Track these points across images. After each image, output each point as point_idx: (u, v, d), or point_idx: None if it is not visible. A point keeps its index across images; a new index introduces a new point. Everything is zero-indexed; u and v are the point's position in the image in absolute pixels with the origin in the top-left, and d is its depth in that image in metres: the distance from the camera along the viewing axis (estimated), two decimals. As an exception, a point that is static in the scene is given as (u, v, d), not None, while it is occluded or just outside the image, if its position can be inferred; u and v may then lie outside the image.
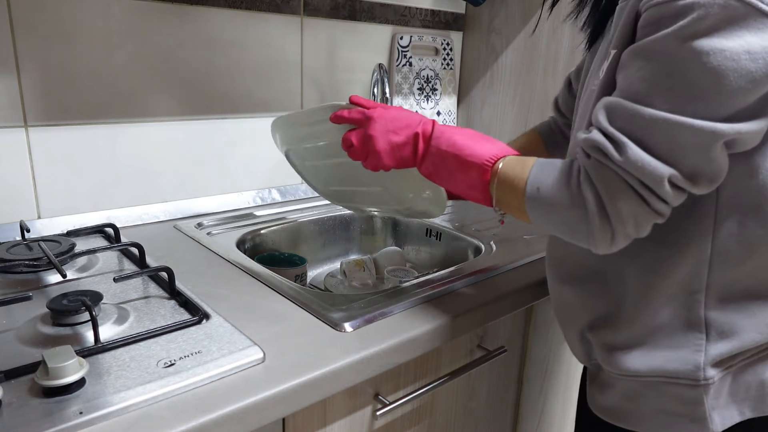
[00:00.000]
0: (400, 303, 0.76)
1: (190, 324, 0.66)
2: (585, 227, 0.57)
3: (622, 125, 0.53)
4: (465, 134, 0.67)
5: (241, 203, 1.19)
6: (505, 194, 0.63)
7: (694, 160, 0.52)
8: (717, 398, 0.61)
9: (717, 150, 0.51)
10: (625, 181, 0.54)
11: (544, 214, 0.60)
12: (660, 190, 0.53)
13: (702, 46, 0.49)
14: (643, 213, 0.54)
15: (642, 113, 0.52)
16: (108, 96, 0.99)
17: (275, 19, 1.17)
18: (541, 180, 0.60)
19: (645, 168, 0.52)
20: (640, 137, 0.52)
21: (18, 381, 0.55)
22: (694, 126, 0.50)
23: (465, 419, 0.89)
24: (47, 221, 0.96)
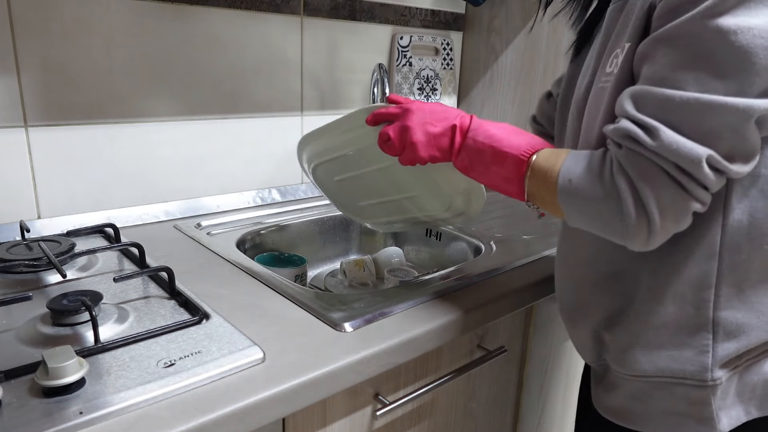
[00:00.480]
0: (400, 303, 0.76)
1: (190, 324, 0.66)
2: (620, 221, 0.54)
3: (652, 111, 0.52)
4: (502, 128, 0.66)
5: (241, 203, 1.19)
6: (539, 187, 0.62)
7: (729, 139, 0.50)
8: (724, 399, 0.61)
9: (751, 128, 0.50)
10: (660, 167, 0.52)
11: (578, 207, 0.58)
12: (699, 173, 0.51)
13: (728, 25, 0.48)
14: (682, 201, 0.52)
15: (672, 96, 0.51)
16: (108, 96, 0.99)
17: (275, 19, 1.17)
18: (573, 171, 0.58)
19: (681, 150, 0.50)
20: (673, 121, 0.51)
21: (18, 381, 0.55)
22: (728, 104, 0.49)
23: (465, 419, 0.89)
24: (47, 221, 0.96)
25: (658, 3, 0.54)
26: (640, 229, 0.54)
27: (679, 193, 0.52)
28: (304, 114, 1.27)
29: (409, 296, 0.78)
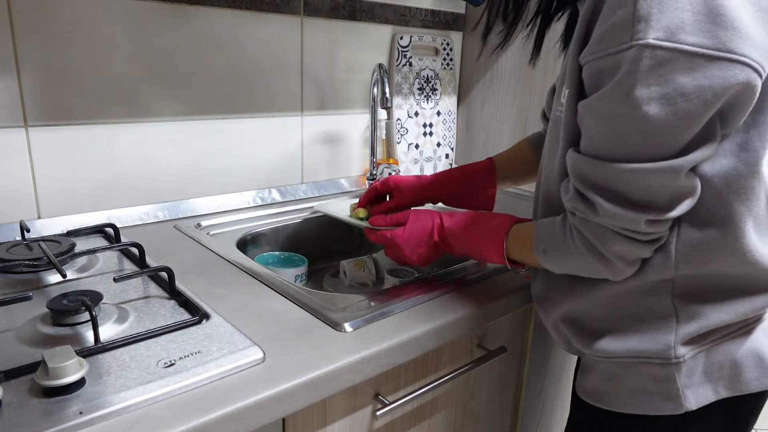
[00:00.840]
0: (400, 303, 0.76)
1: (190, 324, 0.66)
2: (595, 270, 0.63)
3: (593, 183, 0.58)
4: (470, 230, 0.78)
5: (241, 203, 1.19)
6: (523, 260, 0.73)
7: (666, 195, 0.56)
8: (690, 377, 0.64)
9: (682, 179, 0.55)
10: (610, 230, 0.59)
11: (559, 267, 0.68)
12: (641, 229, 0.57)
13: (641, 98, 0.52)
14: (638, 248, 0.59)
15: (607, 168, 0.56)
16: (108, 96, 0.99)
17: (275, 19, 1.17)
18: (543, 243, 0.67)
19: (619, 218, 0.57)
20: (613, 188, 0.57)
21: (18, 381, 0.55)
22: (655, 169, 0.54)
23: (465, 419, 0.89)
24: (47, 221, 0.96)
25: (583, 65, 0.58)
26: (612, 271, 0.62)
27: (632, 244, 0.59)
28: (304, 114, 1.27)
29: (409, 296, 0.78)
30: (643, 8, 0.50)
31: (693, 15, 0.50)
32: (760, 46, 0.51)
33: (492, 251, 0.75)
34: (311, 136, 1.30)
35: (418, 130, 1.49)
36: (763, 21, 0.52)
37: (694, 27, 0.50)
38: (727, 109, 0.54)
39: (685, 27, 0.50)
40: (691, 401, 0.63)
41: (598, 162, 0.57)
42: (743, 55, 0.50)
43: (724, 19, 0.50)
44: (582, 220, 0.61)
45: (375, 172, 1.36)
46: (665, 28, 0.50)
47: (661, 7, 0.50)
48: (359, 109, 1.38)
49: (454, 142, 1.58)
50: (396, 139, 1.44)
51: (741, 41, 0.50)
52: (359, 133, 1.40)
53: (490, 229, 0.76)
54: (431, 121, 1.51)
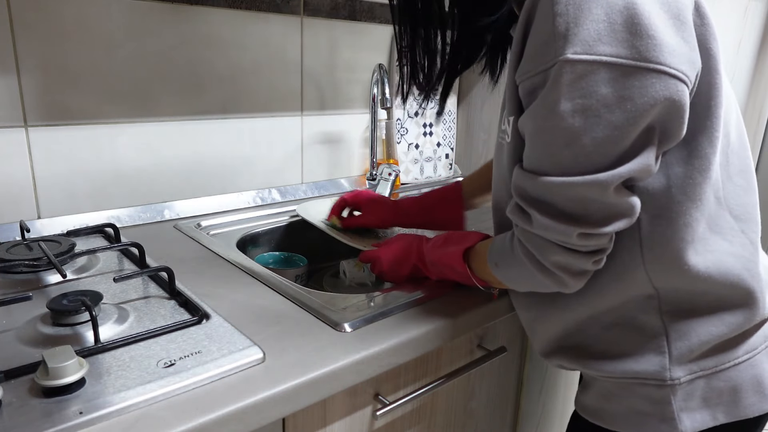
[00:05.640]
0: (400, 303, 0.76)
1: (190, 324, 0.66)
2: (540, 282, 0.63)
3: (527, 195, 0.59)
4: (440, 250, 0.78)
5: (241, 203, 1.19)
6: (485, 277, 0.74)
7: (597, 209, 0.56)
8: (686, 401, 0.63)
9: (611, 195, 0.55)
10: (548, 240, 0.59)
11: (510, 280, 0.69)
12: (575, 242, 0.57)
13: (564, 111, 0.52)
14: (576, 259, 0.59)
15: (539, 182, 0.57)
16: (108, 96, 0.99)
17: (275, 19, 1.17)
18: (495, 257, 0.68)
19: (552, 230, 0.57)
20: (546, 201, 0.57)
21: (18, 381, 0.55)
22: (582, 182, 0.54)
23: (465, 419, 0.89)
24: (47, 221, 0.96)
25: (518, 84, 0.59)
26: (557, 283, 0.62)
27: (570, 254, 0.59)
28: (304, 114, 1.27)
29: (409, 296, 0.78)
30: (561, 25, 0.51)
31: (609, 26, 0.50)
32: (678, 53, 0.51)
33: (459, 268, 0.75)
34: (311, 136, 1.30)
35: (418, 130, 1.49)
36: (677, 29, 0.52)
37: (611, 38, 0.50)
38: (662, 124, 0.54)
39: (601, 38, 0.50)
40: (686, 425, 0.63)
41: (532, 175, 0.58)
42: (661, 63, 0.50)
43: (640, 28, 0.50)
44: (522, 231, 0.62)
45: (375, 172, 1.36)
46: (582, 42, 0.50)
47: (577, 21, 0.50)
48: (359, 109, 1.38)
49: (454, 142, 1.58)
50: (396, 139, 1.44)
51: (657, 49, 0.50)
52: (359, 133, 1.40)
53: (456, 245, 0.76)
54: (431, 121, 1.51)
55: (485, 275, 0.73)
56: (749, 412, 0.64)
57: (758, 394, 0.64)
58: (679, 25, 0.52)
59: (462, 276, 0.76)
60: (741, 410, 0.64)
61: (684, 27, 0.52)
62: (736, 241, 0.62)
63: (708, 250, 0.60)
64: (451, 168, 1.59)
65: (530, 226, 0.60)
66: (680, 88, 0.52)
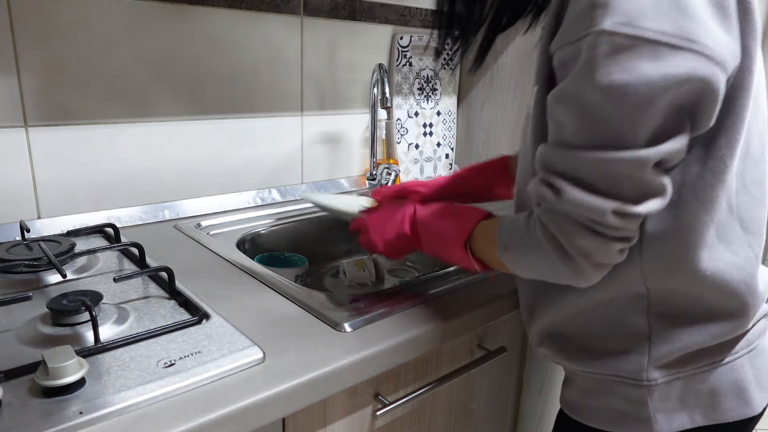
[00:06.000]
0: (400, 303, 0.76)
1: (190, 324, 0.66)
2: (553, 267, 0.59)
3: (557, 169, 0.56)
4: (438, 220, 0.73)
5: (241, 203, 1.19)
6: (487, 259, 0.69)
7: (632, 187, 0.53)
8: (664, 401, 0.63)
9: (649, 173, 0.53)
10: (575, 220, 0.55)
11: (519, 266, 0.64)
12: (607, 223, 0.54)
13: (606, 85, 0.50)
14: (602, 245, 0.56)
15: (573, 156, 0.54)
16: (108, 96, 0.99)
17: (275, 19, 1.17)
18: (506, 238, 0.64)
19: (584, 205, 0.54)
20: (577, 177, 0.55)
21: (18, 381, 0.55)
22: (621, 158, 0.52)
23: (465, 419, 0.89)
24: (47, 221, 0.96)
25: (552, 54, 0.57)
26: (574, 273, 0.58)
27: (597, 239, 0.55)
28: (304, 114, 1.27)
29: (409, 296, 0.78)
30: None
31: (654, 2, 0.49)
32: (721, 41, 0.50)
33: (456, 246, 0.70)
34: (311, 136, 1.30)
35: (418, 130, 1.49)
36: (721, 18, 0.51)
37: (656, 13, 0.48)
38: (692, 107, 0.52)
39: (646, 13, 0.48)
40: (662, 425, 0.63)
41: (565, 150, 0.55)
42: (705, 46, 0.49)
43: (687, 8, 0.48)
44: (546, 210, 0.58)
45: (375, 172, 1.36)
46: (625, 13, 0.49)
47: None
48: (359, 109, 1.38)
49: (454, 142, 1.58)
50: (396, 139, 1.44)
51: (702, 32, 0.49)
52: (359, 133, 1.40)
53: (458, 220, 0.71)
54: (431, 121, 1.51)
55: (487, 257, 0.68)
56: (729, 417, 0.63)
57: (738, 399, 0.63)
58: (724, 14, 0.51)
59: (460, 259, 0.71)
60: (720, 414, 0.63)
61: (728, 18, 0.51)
62: (742, 254, 0.61)
63: (712, 258, 0.59)
64: (451, 168, 1.59)
65: (559, 202, 0.55)
66: (718, 74, 0.50)
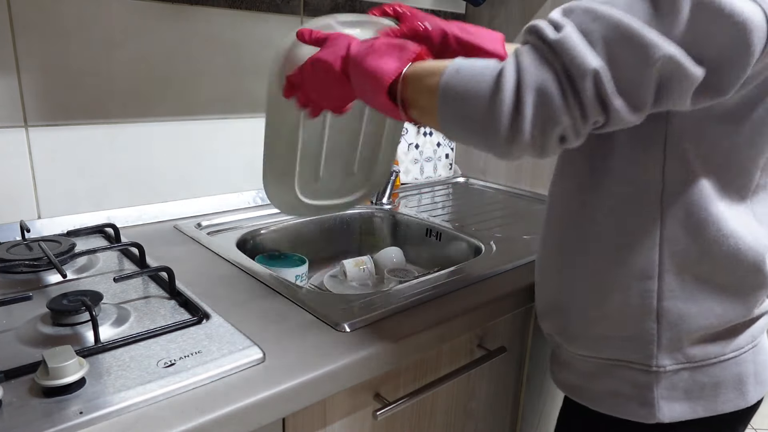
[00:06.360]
0: (400, 303, 0.76)
1: (190, 324, 0.66)
2: (491, 109, 0.51)
3: (573, 18, 0.50)
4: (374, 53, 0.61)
5: (241, 203, 1.19)
6: (419, 89, 0.57)
7: (627, 70, 0.48)
8: (669, 390, 0.64)
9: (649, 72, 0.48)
10: (550, 62, 0.49)
11: (455, 106, 0.54)
12: (581, 83, 0.48)
13: None
14: (557, 107, 0.49)
15: (596, 9, 0.49)
16: (108, 96, 0.99)
17: (275, 19, 1.17)
18: (465, 64, 0.54)
19: (574, 51, 0.48)
20: (587, 30, 0.49)
21: (18, 381, 0.55)
22: (642, 34, 0.47)
23: (465, 419, 0.89)
24: (47, 221, 0.96)
25: None
26: (509, 122, 0.50)
27: (558, 98, 0.49)
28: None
29: (409, 296, 0.78)
30: None
31: None
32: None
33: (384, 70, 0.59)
34: (311, 136, 1.30)
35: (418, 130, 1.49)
36: None
37: None
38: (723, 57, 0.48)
39: None
40: (664, 413, 0.64)
41: (592, 3, 0.50)
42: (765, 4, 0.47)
43: None
44: (529, 47, 0.51)
45: (375, 172, 1.36)
46: None
47: None
48: (359, 109, 1.38)
49: (454, 142, 1.58)
50: (396, 139, 1.44)
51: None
52: (359, 133, 1.40)
53: (398, 47, 0.61)
54: (431, 121, 1.51)
55: (418, 85, 0.57)
56: (726, 408, 0.64)
57: (737, 391, 0.64)
58: None
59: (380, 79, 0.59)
60: (718, 405, 0.64)
61: None
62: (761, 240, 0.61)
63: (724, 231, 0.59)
64: (451, 168, 1.59)
65: (554, 34, 0.49)
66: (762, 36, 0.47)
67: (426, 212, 1.24)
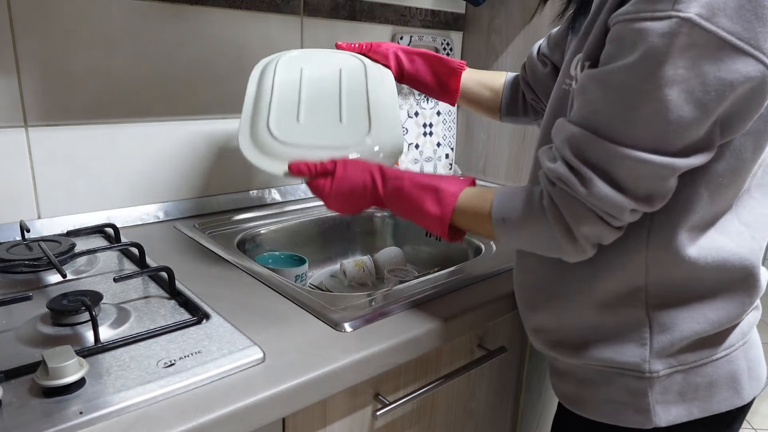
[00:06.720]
0: (400, 303, 0.76)
1: (190, 324, 0.66)
2: (554, 245, 0.60)
3: (588, 158, 0.55)
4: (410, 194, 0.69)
5: (241, 203, 1.19)
6: (474, 228, 0.68)
7: (652, 187, 0.55)
8: (663, 394, 0.64)
9: (672, 180, 0.55)
10: (589, 209, 0.56)
11: (516, 239, 0.65)
12: (621, 216, 0.56)
13: (665, 78, 0.49)
14: (606, 232, 0.58)
15: (607, 149, 0.53)
16: (108, 96, 0.99)
17: (275, 19, 1.17)
18: (504, 212, 0.63)
19: (608, 201, 0.54)
20: (606, 170, 0.54)
21: (18, 381, 0.55)
22: (657, 162, 0.52)
23: (465, 419, 0.89)
24: (47, 221, 0.96)
25: (611, 26, 0.54)
26: (572, 251, 0.60)
27: (604, 228, 0.57)
28: (304, 114, 1.27)
29: (409, 296, 0.78)
30: None
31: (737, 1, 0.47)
32: None
33: (434, 208, 0.67)
34: (311, 136, 1.30)
35: (418, 130, 1.49)
36: None
37: (735, 13, 0.47)
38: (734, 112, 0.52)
39: (726, 11, 0.47)
40: (661, 417, 0.64)
41: (599, 140, 0.54)
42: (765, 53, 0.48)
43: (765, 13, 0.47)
44: (562, 192, 0.57)
45: (375, 172, 1.36)
46: (708, 6, 0.47)
47: None
48: (359, 109, 1.38)
49: (454, 142, 1.58)
50: (396, 139, 1.44)
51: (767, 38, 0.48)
52: (359, 133, 1.40)
53: (442, 182, 0.69)
54: (431, 121, 1.51)
55: (471, 224, 0.67)
56: (721, 407, 0.64)
57: (731, 390, 0.64)
58: None
59: (435, 229, 0.69)
60: (714, 405, 0.64)
61: None
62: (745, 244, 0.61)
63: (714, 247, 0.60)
64: (451, 168, 1.59)
65: (582, 191, 0.55)
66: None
67: (426, 212, 1.24)
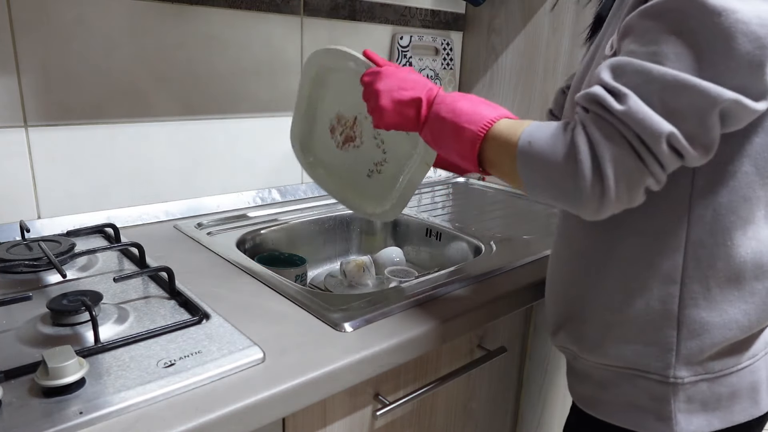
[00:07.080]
0: (400, 303, 0.76)
1: (190, 324, 0.66)
2: (574, 183, 0.54)
3: (627, 80, 0.52)
4: (469, 100, 0.65)
5: (241, 203, 1.19)
6: (498, 154, 0.61)
7: (692, 123, 0.50)
8: (687, 403, 0.62)
9: (714, 117, 0.50)
10: (622, 134, 0.51)
11: (535, 169, 0.57)
12: (657, 148, 0.50)
13: (714, 5, 0.48)
14: (638, 172, 0.52)
15: (649, 69, 0.50)
16: (108, 96, 0.99)
17: (275, 19, 1.17)
18: (534, 134, 0.58)
19: (645, 121, 0.50)
20: (644, 93, 0.51)
21: (18, 381, 0.55)
22: (700, 87, 0.49)
23: (465, 419, 0.89)
24: (47, 221, 0.96)
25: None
26: (594, 194, 0.53)
27: (636, 163, 0.52)
28: (304, 114, 1.27)
29: (409, 296, 0.78)
30: None
31: None
32: None
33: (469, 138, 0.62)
34: (311, 136, 1.30)
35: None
36: None
37: None
38: None
39: None
40: (682, 427, 0.62)
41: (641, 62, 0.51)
42: None
43: None
44: (595, 116, 0.53)
45: (375, 172, 1.36)
46: None
47: None
48: (359, 109, 1.38)
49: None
50: (396, 139, 1.44)
51: None
52: (359, 133, 1.40)
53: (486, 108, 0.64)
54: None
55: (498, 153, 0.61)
56: (740, 418, 0.63)
57: (750, 400, 0.63)
58: None
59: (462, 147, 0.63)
60: (734, 415, 0.63)
61: None
62: None
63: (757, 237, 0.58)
64: (451, 168, 1.59)
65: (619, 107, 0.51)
66: None
67: (426, 212, 1.24)
